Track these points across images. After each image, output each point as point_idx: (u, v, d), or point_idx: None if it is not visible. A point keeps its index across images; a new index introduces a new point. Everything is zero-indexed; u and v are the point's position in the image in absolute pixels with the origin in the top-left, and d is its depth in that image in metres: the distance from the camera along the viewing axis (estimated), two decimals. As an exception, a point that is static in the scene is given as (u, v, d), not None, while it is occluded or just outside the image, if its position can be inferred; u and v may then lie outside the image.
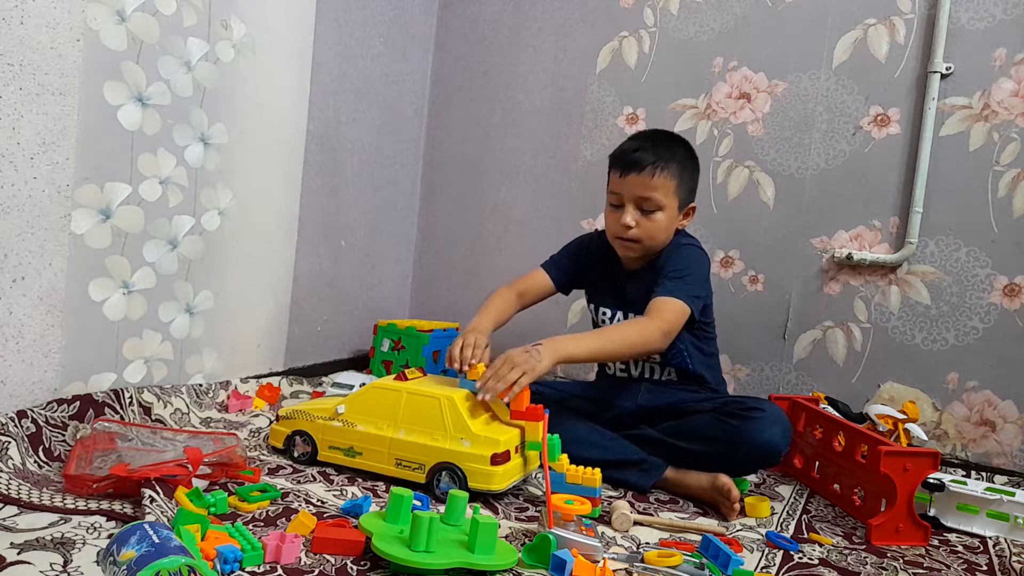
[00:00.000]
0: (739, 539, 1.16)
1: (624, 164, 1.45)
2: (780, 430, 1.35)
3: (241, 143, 1.68)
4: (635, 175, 1.43)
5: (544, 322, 2.24)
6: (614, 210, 1.49)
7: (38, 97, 1.23)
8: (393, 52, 2.22)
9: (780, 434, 1.35)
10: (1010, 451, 1.71)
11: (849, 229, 1.87)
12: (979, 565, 1.16)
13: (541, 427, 1.28)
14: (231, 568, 0.88)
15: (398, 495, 1.01)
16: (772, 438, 1.34)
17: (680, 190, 1.47)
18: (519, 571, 0.97)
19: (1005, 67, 1.72)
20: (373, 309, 2.29)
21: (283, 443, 1.36)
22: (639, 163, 1.43)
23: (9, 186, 1.20)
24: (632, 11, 2.12)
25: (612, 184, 1.49)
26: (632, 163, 1.44)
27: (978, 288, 1.74)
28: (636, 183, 1.44)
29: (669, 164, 1.44)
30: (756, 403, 1.40)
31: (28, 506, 1.00)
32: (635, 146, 1.45)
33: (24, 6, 1.19)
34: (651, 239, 1.47)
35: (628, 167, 1.44)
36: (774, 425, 1.35)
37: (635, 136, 1.52)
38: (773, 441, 1.34)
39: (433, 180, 2.45)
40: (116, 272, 1.42)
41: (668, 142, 1.49)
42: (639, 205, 1.45)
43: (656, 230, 1.46)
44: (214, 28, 1.57)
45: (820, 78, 1.90)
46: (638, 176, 1.43)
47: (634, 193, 1.44)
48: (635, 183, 1.44)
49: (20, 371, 1.25)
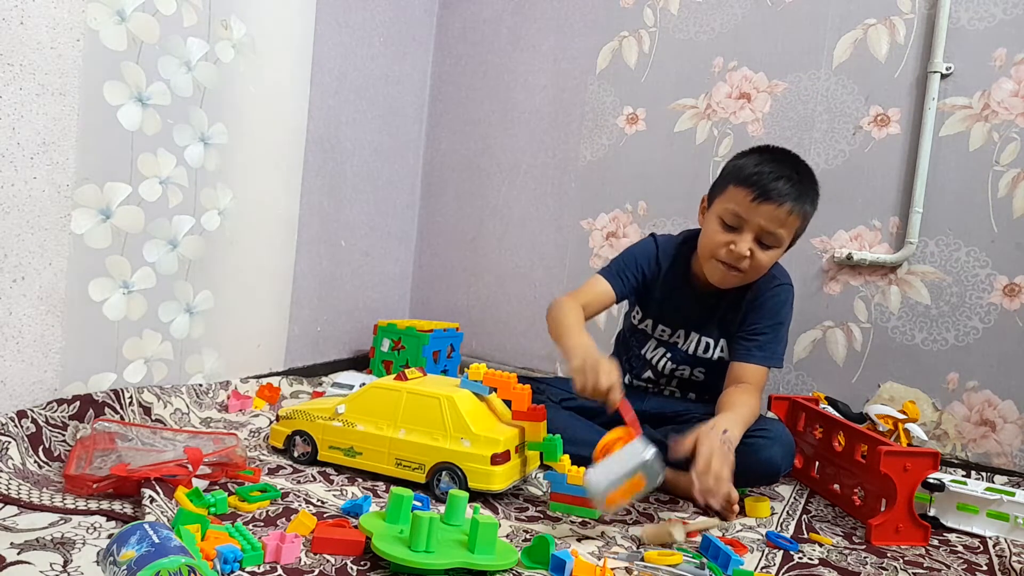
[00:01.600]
0: (740, 539, 1.16)
1: (762, 191, 1.29)
2: (781, 450, 1.33)
3: (241, 143, 1.68)
4: (772, 207, 1.29)
5: (542, 322, 2.24)
6: (726, 230, 1.34)
7: (38, 97, 1.23)
8: (393, 52, 2.22)
9: (781, 454, 1.32)
10: (1010, 451, 1.71)
11: (849, 229, 1.87)
12: (979, 565, 1.16)
13: (542, 427, 1.28)
14: (231, 568, 0.88)
15: (398, 495, 1.01)
16: (773, 457, 1.31)
17: (801, 230, 1.36)
18: (519, 571, 0.97)
19: (1005, 67, 1.72)
20: (373, 309, 2.29)
21: (283, 443, 1.36)
22: (781, 196, 1.29)
23: (9, 186, 1.20)
24: (632, 11, 2.12)
25: (734, 203, 1.32)
26: (772, 193, 1.29)
27: (978, 288, 1.74)
28: (768, 214, 1.30)
29: (805, 205, 1.32)
30: (762, 423, 1.35)
31: (28, 506, 1.00)
32: (777, 174, 1.30)
33: (24, 6, 1.19)
34: (757, 273, 1.38)
35: (766, 196, 1.29)
36: (775, 444, 1.32)
37: (772, 156, 1.35)
38: (774, 460, 1.31)
39: (433, 180, 2.45)
40: (116, 272, 1.42)
41: (809, 177, 1.35)
42: (760, 237, 1.32)
43: (766, 266, 1.36)
44: (214, 28, 1.57)
45: (820, 78, 1.90)
46: (775, 208, 1.29)
47: (760, 224, 1.31)
48: (767, 214, 1.30)
49: (20, 371, 1.25)
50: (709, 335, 1.49)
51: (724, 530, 1.21)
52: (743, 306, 1.43)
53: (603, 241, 2.16)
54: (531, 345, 2.27)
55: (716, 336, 1.49)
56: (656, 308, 1.53)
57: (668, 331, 1.53)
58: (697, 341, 1.50)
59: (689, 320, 1.49)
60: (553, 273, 2.24)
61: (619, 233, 2.14)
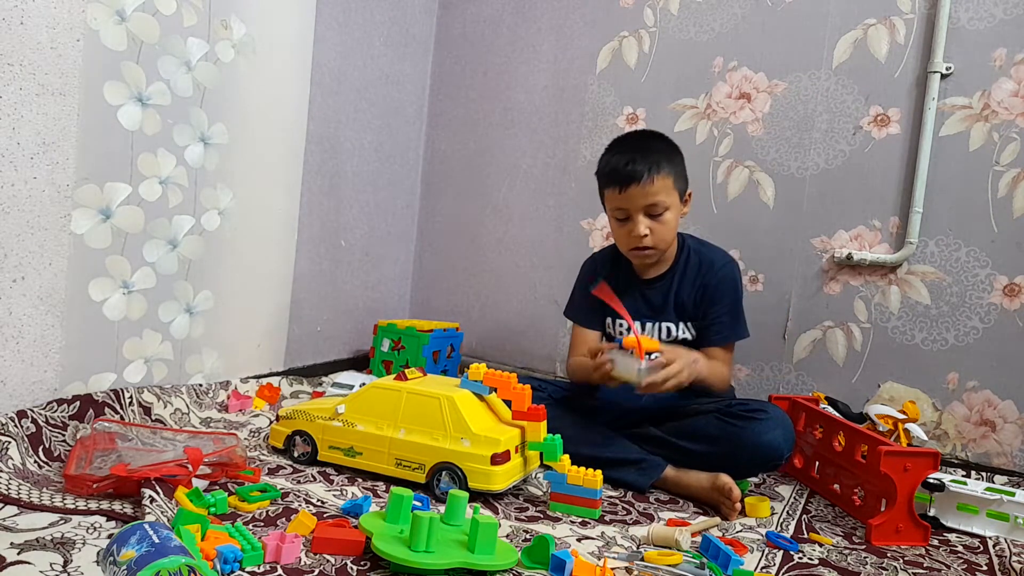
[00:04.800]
0: (740, 539, 1.16)
1: (621, 179, 1.44)
2: (783, 433, 1.36)
3: (241, 143, 1.68)
4: (636, 187, 1.43)
5: (542, 322, 2.25)
6: (622, 224, 1.49)
7: (38, 97, 1.23)
8: (393, 52, 2.22)
9: (783, 437, 1.35)
10: (1010, 451, 1.71)
11: (849, 229, 1.87)
12: (979, 565, 1.16)
13: (542, 427, 1.28)
14: (231, 568, 0.88)
15: (398, 495, 1.01)
16: (774, 440, 1.34)
17: (677, 182, 1.48)
18: (519, 571, 0.97)
19: (1005, 67, 1.72)
20: (373, 309, 2.29)
21: (283, 443, 1.36)
22: (636, 175, 1.42)
23: (9, 186, 1.20)
24: (632, 11, 2.12)
25: (613, 201, 1.48)
26: (629, 176, 1.43)
27: (978, 288, 1.74)
28: (639, 194, 1.43)
29: (661, 163, 1.44)
30: (760, 406, 1.40)
31: (28, 506, 1.00)
32: (624, 160, 1.45)
33: (24, 6, 1.19)
34: (665, 241, 1.49)
35: (626, 181, 1.44)
36: (777, 428, 1.35)
37: (616, 148, 1.51)
38: (775, 443, 1.34)
39: (433, 180, 2.45)
40: (116, 272, 1.42)
41: (649, 142, 1.50)
42: (648, 212, 1.45)
43: (668, 231, 1.48)
44: (214, 28, 1.57)
45: (820, 78, 1.90)
46: (639, 187, 1.43)
47: (640, 204, 1.44)
48: (638, 194, 1.44)
49: (20, 371, 1.25)
50: (668, 320, 1.56)
51: (724, 530, 1.21)
52: (695, 294, 1.54)
53: (603, 241, 2.16)
54: (531, 345, 2.27)
55: (675, 320, 1.56)
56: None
57: (624, 324, 1.59)
58: (658, 328, 1.56)
59: (644, 309, 1.58)
60: (553, 273, 2.24)
61: (619, 233, 2.14)
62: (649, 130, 1.60)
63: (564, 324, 2.18)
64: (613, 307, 1.39)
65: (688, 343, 1.53)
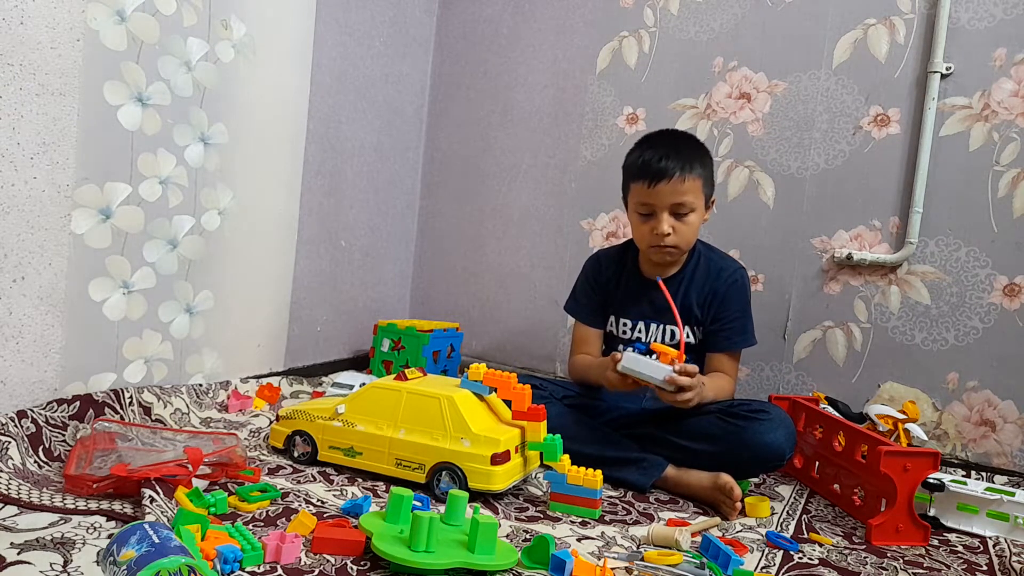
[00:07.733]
0: (740, 539, 1.16)
1: (652, 175, 1.43)
2: (785, 433, 1.36)
3: (241, 143, 1.68)
4: (666, 183, 1.42)
5: (542, 322, 2.25)
6: (644, 220, 1.48)
7: (38, 97, 1.23)
8: (393, 52, 2.22)
9: (784, 437, 1.35)
10: (1010, 451, 1.71)
11: (849, 229, 1.87)
12: (979, 565, 1.16)
13: (542, 427, 1.28)
14: (231, 568, 0.88)
15: (398, 495, 1.01)
16: (776, 440, 1.34)
17: (706, 186, 1.47)
18: (519, 571, 0.97)
19: (1005, 67, 1.72)
20: (373, 309, 2.29)
21: (283, 443, 1.36)
22: (668, 171, 1.41)
23: (9, 186, 1.20)
24: (632, 11, 2.12)
25: (639, 195, 1.47)
26: (660, 172, 1.42)
27: (978, 288, 1.74)
28: (668, 191, 1.43)
29: (694, 165, 1.44)
30: (762, 406, 1.41)
31: (28, 506, 1.00)
32: (658, 154, 1.43)
33: (24, 6, 1.19)
34: (687, 242, 1.49)
35: (657, 177, 1.42)
36: (779, 428, 1.35)
37: (649, 143, 1.49)
38: (777, 443, 1.34)
39: (433, 180, 2.45)
40: (116, 272, 1.42)
41: (686, 142, 1.49)
42: (674, 211, 1.45)
43: (691, 232, 1.48)
44: (214, 28, 1.57)
45: (820, 78, 1.90)
46: (669, 184, 1.42)
47: (667, 202, 1.44)
48: (667, 191, 1.43)
49: (20, 371, 1.25)
50: (672, 322, 1.55)
51: (724, 530, 1.21)
52: (703, 299, 1.54)
53: (603, 241, 2.16)
54: (531, 345, 2.27)
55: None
56: (618, 305, 1.62)
57: (629, 323, 1.59)
58: (662, 331, 1.56)
59: (648, 310, 1.57)
60: (553, 273, 2.24)
61: (619, 233, 2.14)
62: (683, 131, 1.58)
63: (564, 324, 2.19)
64: (671, 306, 1.42)
65: (691, 348, 1.53)
